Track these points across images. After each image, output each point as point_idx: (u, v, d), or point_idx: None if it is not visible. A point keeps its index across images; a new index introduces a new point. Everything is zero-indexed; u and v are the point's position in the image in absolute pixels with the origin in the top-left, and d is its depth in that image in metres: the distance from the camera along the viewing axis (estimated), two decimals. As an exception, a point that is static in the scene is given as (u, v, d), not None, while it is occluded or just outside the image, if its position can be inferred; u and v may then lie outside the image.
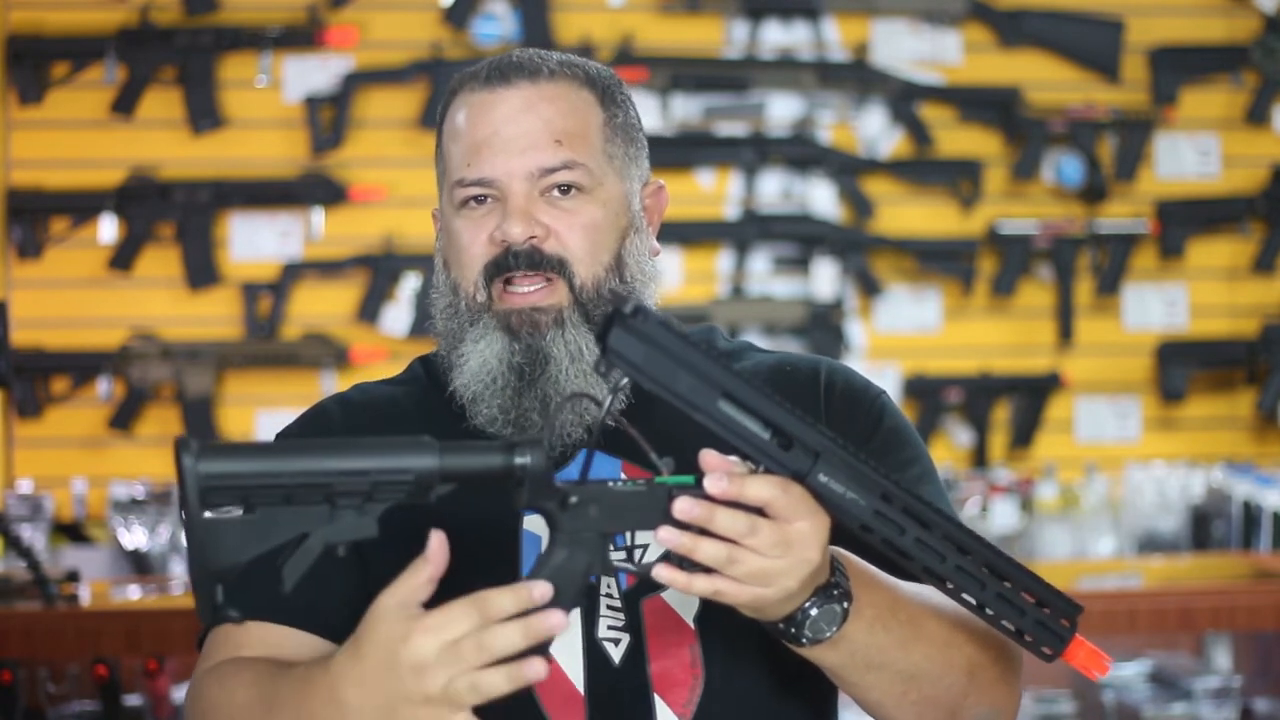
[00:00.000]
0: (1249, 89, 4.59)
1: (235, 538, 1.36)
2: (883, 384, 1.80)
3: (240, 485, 1.35)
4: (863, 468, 1.45)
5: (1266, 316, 4.56)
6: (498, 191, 1.67)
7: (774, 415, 1.43)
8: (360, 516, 1.38)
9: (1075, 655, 1.51)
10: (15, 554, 3.28)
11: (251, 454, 1.37)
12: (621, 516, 1.43)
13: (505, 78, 1.69)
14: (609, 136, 1.71)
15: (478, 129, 1.68)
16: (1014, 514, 4.23)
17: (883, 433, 1.71)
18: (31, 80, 4.32)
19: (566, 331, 1.65)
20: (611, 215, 1.69)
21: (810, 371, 1.75)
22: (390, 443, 1.39)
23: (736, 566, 1.41)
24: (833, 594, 1.47)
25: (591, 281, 1.67)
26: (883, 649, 1.52)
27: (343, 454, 1.38)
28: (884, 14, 4.51)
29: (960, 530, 1.48)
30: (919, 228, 4.50)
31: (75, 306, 4.33)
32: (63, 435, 4.33)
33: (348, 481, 1.37)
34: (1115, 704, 3.59)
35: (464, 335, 1.68)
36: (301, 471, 1.36)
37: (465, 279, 1.68)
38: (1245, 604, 3.35)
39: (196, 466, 1.34)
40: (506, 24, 4.39)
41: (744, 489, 1.41)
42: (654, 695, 1.61)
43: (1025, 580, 1.49)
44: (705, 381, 1.41)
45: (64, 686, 3.36)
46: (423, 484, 1.38)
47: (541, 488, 1.41)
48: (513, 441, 1.41)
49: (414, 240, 4.36)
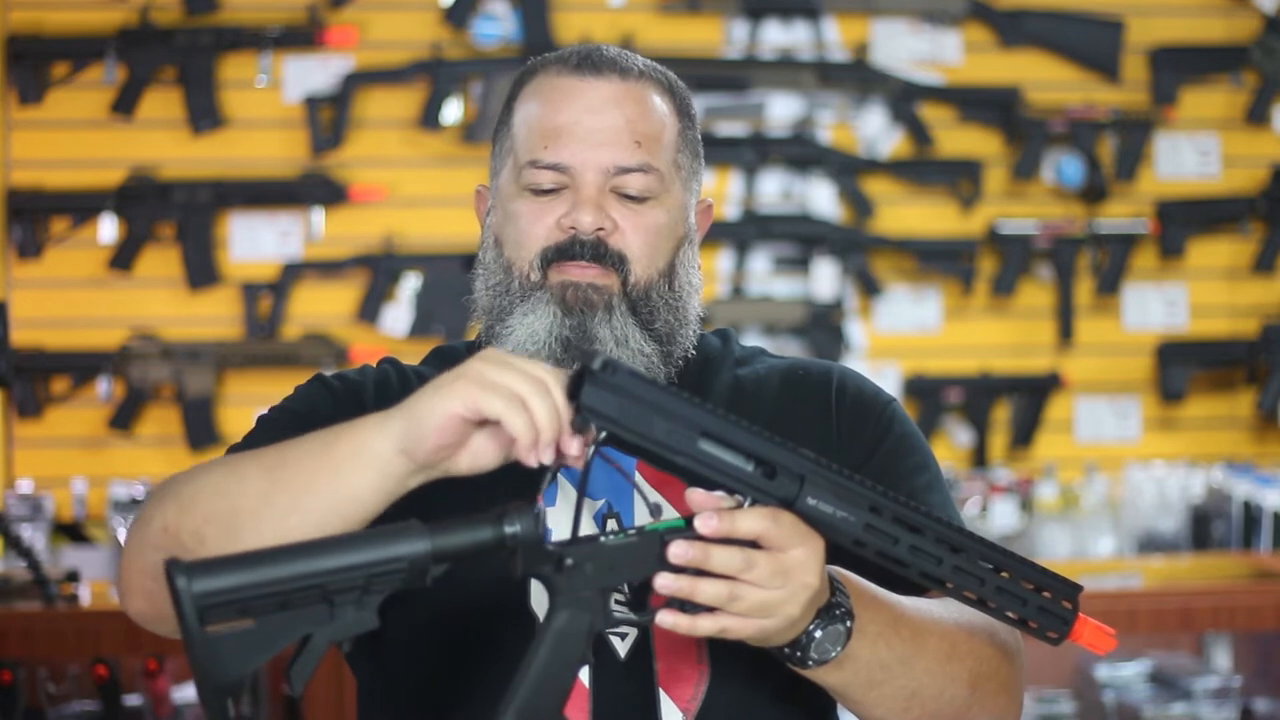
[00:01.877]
0: (1249, 89, 4.59)
1: (238, 650, 1.34)
2: (882, 384, 1.82)
3: (236, 599, 1.34)
4: (848, 484, 1.46)
5: (1266, 316, 4.56)
6: (569, 179, 1.67)
7: (754, 446, 1.44)
8: (360, 611, 1.37)
9: (1081, 634, 1.52)
10: (15, 554, 3.28)
11: (243, 565, 1.35)
12: (617, 570, 1.44)
13: (596, 68, 1.69)
14: (680, 147, 1.73)
15: (561, 113, 1.68)
16: (1014, 514, 4.23)
17: (891, 440, 1.72)
18: (31, 80, 4.32)
19: (615, 317, 1.66)
20: (672, 223, 1.71)
21: (822, 378, 1.75)
22: (379, 533, 1.39)
23: (738, 602, 1.42)
24: (835, 614, 1.48)
25: (645, 282, 1.68)
26: (886, 666, 1.53)
27: (333, 552, 1.37)
28: (884, 14, 4.51)
29: (951, 529, 1.48)
30: (919, 228, 4.50)
31: (75, 306, 4.33)
32: (63, 435, 4.33)
33: (342, 579, 1.36)
34: (1115, 704, 3.59)
35: (513, 310, 1.68)
36: (295, 576, 1.35)
37: (521, 258, 1.68)
38: (1245, 604, 3.35)
39: (191, 587, 1.32)
40: (506, 24, 4.39)
41: (735, 524, 1.42)
42: (659, 690, 1.62)
43: (1022, 568, 1.50)
44: (682, 424, 1.42)
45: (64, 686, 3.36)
46: (416, 569, 1.38)
47: (535, 555, 1.41)
48: (501, 511, 1.41)
49: (414, 240, 4.36)
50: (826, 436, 1.71)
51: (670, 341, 1.70)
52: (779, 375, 1.75)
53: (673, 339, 1.70)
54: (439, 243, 4.31)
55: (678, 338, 1.71)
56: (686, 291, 1.72)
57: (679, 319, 1.71)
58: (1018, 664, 1.63)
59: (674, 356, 1.71)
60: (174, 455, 4.32)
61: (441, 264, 4.29)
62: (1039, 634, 1.52)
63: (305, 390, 1.74)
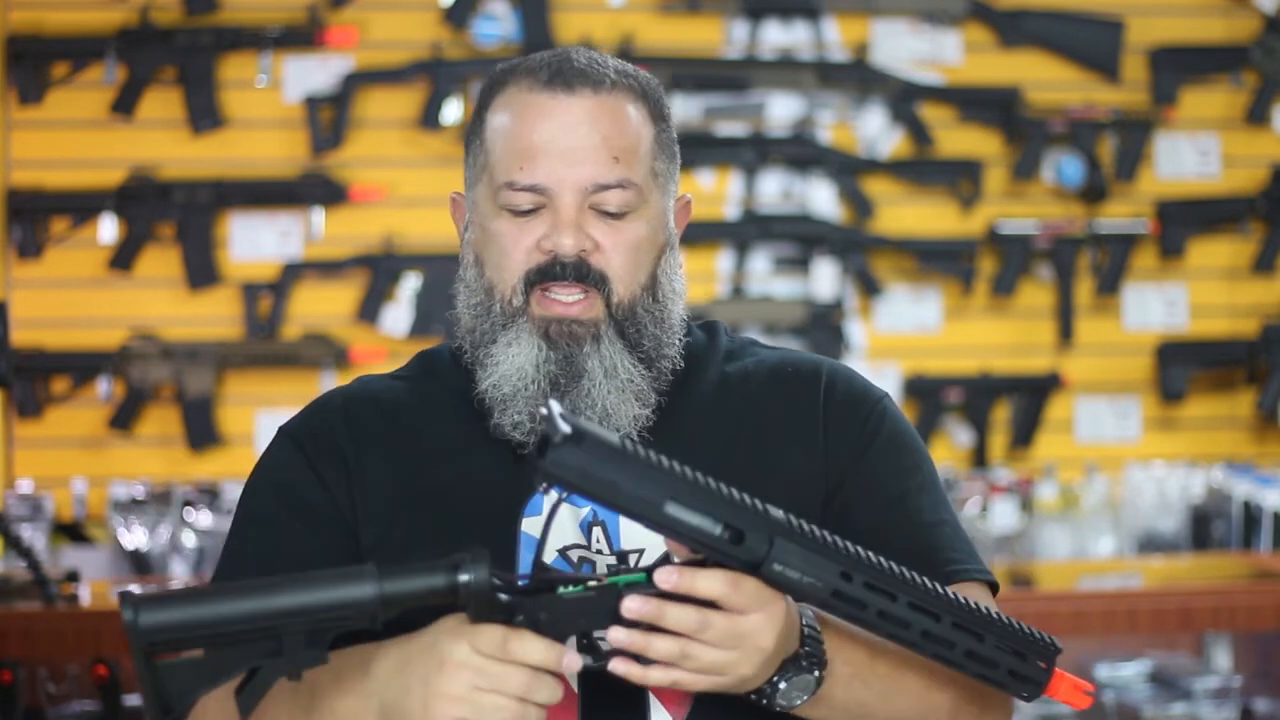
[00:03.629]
0: (1249, 89, 4.59)
1: (187, 679, 1.38)
2: (883, 384, 1.78)
3: (183, 637, 1.37)
4: (819, 548, 1.45)
5: (1266, 316, 4.56)
6: (546, 200, 1.65)
7: (722, 510, 1.42)
8: (309, 649, 1.39)
9: (1057, 690, 1.53)
10: (15, 554, 3.28)
11: (191, 602, 1.38)
12: (571, 621, 1.44)
13: (568, 84, 1.66)
14: (657, 153, 1.70)
15: (534, 133, 1.66)
16: (1014, 514, 4.23)
17: (882, 440, 1.70)
18: (31, 80, 4.32)
19: (603, 347, 1.65)
20: (653, 234, 1.69)
21: (811, 373, 1.73)
22: (329, 576, 1.40)
23: (690, 661, 1.43)
24: (802, 665, 1.48)
25: (628, 299, 1.67)
26: (863, 704, 1.53)
27: (282, 593, 1.38)
28: (884, 14, 4.51)
29: (928, 593, 1.47)
30: (919, 228, 4.50)
31: (75, 306, 4.33)
32: (63, 435, 4.33)
33: (290, 622, 1.38)
34: (1115, 704, 3.59)
35: (495, 337, 1.67)
36: (242, 616, 1.37)
37: (503, 282, 1.67)
38: (1245, 604, 3.35)
39: (137, 621, 1.36)
40: (506, 24, 4.39)
41: (695, 584, 1.42)
42: (648, 695, 1.61)
43: (999, 632, 1.50)
44: (648, 488, 1.41)
45: (64, 686, 3.36)
46: (364, 614, 1.39)
47: (486, 605, 1.42)
48: (456, 560, 1.41)
49: (414, 240, 4.36)
50: (813, 434, 1.69)
51: (658, 358, 1.68)
52: (767, 370, 1.73)
53: (660, 353, 1.69)
54: (439, 243, 4.31)
55: (665, 350, 1.69)
56: (670, 299, 1.70)
57: (664, 330, 1.69)
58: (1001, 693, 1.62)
59: (663, 373, 1.69)
60: (174, 455, 4.32)
61: (441, 264, 4.29)
62: (1012, 693, 1.53)
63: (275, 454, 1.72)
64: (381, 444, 1.69)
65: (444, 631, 1.43)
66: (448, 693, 1.41)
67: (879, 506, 1.63)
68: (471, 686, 1.41)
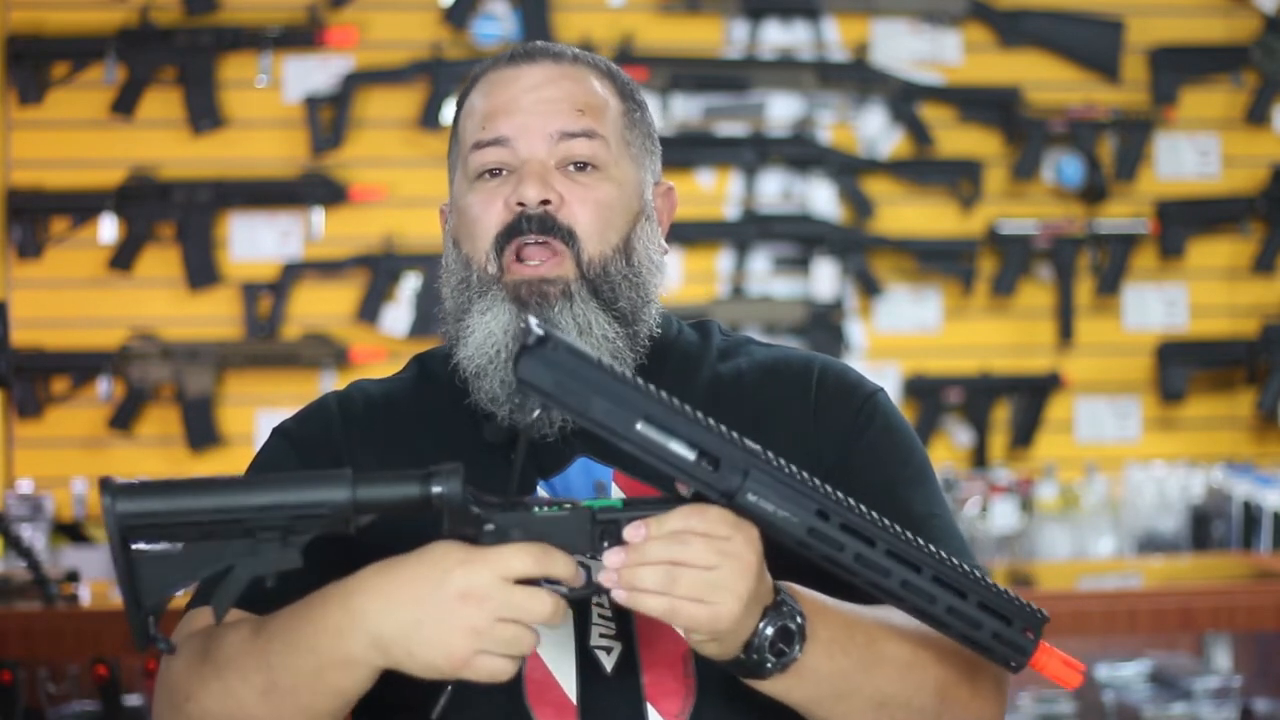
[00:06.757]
0: (1249, 89, 4.59)
1: (161, 571, 1.40)
2: (882, 384, 1.76)
3: (158, 523, 1.39)
4: (796, 484, 1.43)
5: (1266, 316, 4.56)
6: (514, 159, 1.66)
7: (697, 436, 1.41)
8: (284, 549, 1.40)
9: (1045, 665, 1.49)
10: (15, 554, 3.28)
11: (168, 492, 1.40)
12: (544, 540, 1.42)
13: (530, 56, 1.69)
14: (627, 125, 1.71)
15: (497, 97, 1.68)
16: (1014, 514, 4.23)
17: (873, 432, 1.69)
18: (31, 80, 4.32)
19: (575, 304, 1.64)
20: (624, 197, 1.68)
21: (803, 368, 1.72)
22: (305, 476, 1.42)
23: (679, 584, 1.41)
24: (783, 610, 1.46)
25: (599, 259, 1.65)
26: (846, 674, 1.50)
27: (257, 489, 1.40)
28: (884, 14, 4.51)
29: (909, 544, 1.45)
30: (919, 228, 4.50)
31: (75, 306, 4.33)
32: (63, 435, 4.33)
33: (263, 516, 1.39)
34: (1115, 704, 3.59)
35: (470, 308, 1.67)
36: (217, 508, 1.39)
37: (477, 250, 1.67)
38: (1245, 604, 3.35)
39: (115, 506, 1.38)
40: (506, 24, 4.39)
41: (663, 526, 1.41)
42: (646, 704, 1.60)
43: (984, 593, 1.47)
44: (621, 405, 1.39)
45: (64, 686, 3.35)
46: (338, 516, 1.40)
47: (459, 516, 1.41)
48: (430, 471, 1.41)
49: (414, 240, 4.37)
50: (805, 427, 1.68)
51: (635, 321, 1.67)
52: (760, 368, 1.72)
53: (636, 318, 1.67)
54: (439, 243, 4.29)
55: (641, 316, 1.68)
56: (647, 269, 1.69)
57: (641, 296, 1.68)
58: (995, 673, 1.59)
59: (640, 336, 1.68)
60: (174, 455, 4.32)
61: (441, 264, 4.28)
62: (998, 660, 1.49)
63: (269, 452, 1.72)
64: (376, 446, 1.69)
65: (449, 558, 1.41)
66: (470, 625, 1.39)
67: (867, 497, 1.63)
68: (494, 618, 1.39)
